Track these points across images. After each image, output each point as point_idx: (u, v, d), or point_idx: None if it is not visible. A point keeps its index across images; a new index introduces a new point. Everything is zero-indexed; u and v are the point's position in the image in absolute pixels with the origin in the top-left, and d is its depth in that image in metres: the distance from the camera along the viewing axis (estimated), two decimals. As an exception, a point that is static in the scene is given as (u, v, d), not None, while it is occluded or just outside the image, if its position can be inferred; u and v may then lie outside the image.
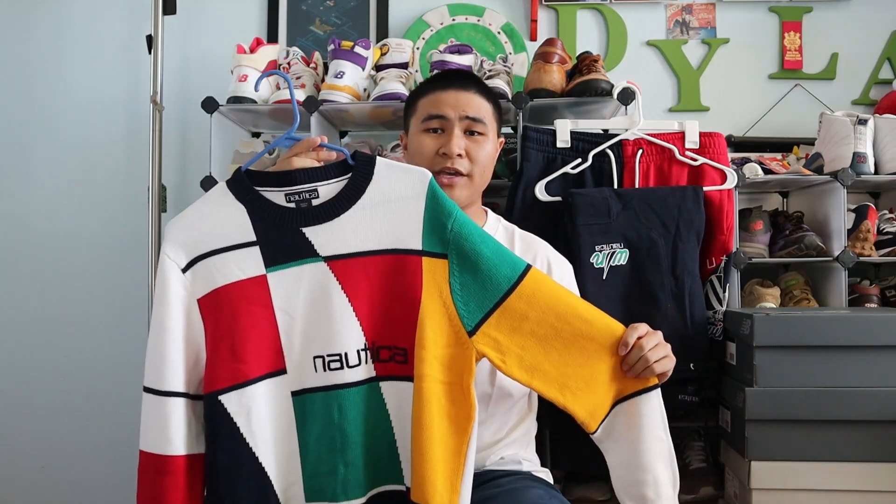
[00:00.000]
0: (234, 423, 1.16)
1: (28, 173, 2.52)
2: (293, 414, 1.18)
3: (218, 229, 1.19)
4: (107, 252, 2.48)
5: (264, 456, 1.17)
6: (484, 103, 1.47)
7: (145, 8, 2.39)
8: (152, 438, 1.17)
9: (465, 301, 1.16)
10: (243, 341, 1.16)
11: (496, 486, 1.31)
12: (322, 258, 1.18)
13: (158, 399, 1.16)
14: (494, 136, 1.49)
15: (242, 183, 1.21)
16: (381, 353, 1.18)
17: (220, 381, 1.16)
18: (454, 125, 1.43)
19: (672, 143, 1.88)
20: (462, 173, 1.43)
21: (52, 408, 2.48)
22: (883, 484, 1.61)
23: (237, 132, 2.26)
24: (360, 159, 1.21)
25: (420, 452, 1.13)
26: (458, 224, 1.17)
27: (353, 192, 1.20)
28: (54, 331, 2.49)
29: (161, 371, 1.17)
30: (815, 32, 2.42)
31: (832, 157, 2.05)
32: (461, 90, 1.45)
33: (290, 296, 1.17)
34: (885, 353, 1.62)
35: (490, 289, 1.17)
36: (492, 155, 1.48)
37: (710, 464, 1.87)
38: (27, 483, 2.49)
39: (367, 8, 2.47)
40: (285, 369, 1.18)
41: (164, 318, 1.17)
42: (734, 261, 1.87)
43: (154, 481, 1.17)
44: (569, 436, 1.41)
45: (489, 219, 1.52)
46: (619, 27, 2.44)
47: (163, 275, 1.18)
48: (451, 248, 1.17)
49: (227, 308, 1.17)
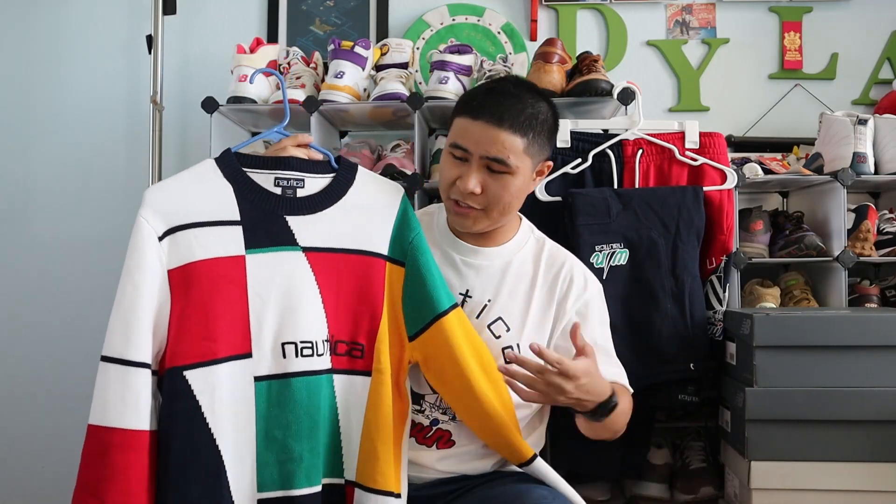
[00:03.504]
0: (197, 401, 1.13)
1: (28, 173, 2.52)
2: (254, 399, 1.17)
3: (202, 203, 1.19)
4: (107, 252, 2.47)
5: (222, 438, 1.14)
6: (514, 140, 1.31)
7: (145, 8, 2.39)
8: (113, 412, 1.12)
9: (410, 310, 1.25)
10: (215, 319, 1.16)
11: (501, 485, 1.32)
12: (301, 248, 1.21)
13: (125, 369, 1.12)
14: (527, 170, 1.35)
15: (232, 162, 1.23)
16: (338, 347, 1.21)
17: (187, 357, 1.14)
18: (474, 161, 1.32)
19: (672, 143, 1.88)
20: (475, 209, 1.35)
21: (52, 407, 2.48)
22: (883, 484, 1.61)
23: (237, 132, 2.26)
24: (343, 163, 1.28)
25: (382, 439, 1.19)
26: (417, 238, 1.28)
27: (337, 191, 1.26)
28: (54, 330, 2.49)
29: (130, 339, 1.13)
30: (815, 32, 2.42)
31: (832, 157, 2.05)
32: (490, 124, 1.31)
33: (265, 279, 1.18)
34: (885, 353, 1.62)
35: (429, 306, 1.25)
36: (518, 189, 1.35)
37: (710, 464, 1.88)
38: (27, 483, 2.49)
39: (367, 8, 2.47)
40: (251, 353, 1.17)
41: (139, 284, 1.15)
42: (734, 261, 1.87)
43: (111, 458, 1.11)
44: (569, 436, 1.41)
45: (521, 229, 1.47)
46: (619, 27, 2.44)
47: (140, 238, 1.16)
48: (408, 259, 1.26)
49: (201, 283, 1.16)
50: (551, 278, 1.41)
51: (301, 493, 1.17)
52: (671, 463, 1.94)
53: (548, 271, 1.42)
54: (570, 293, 1.40)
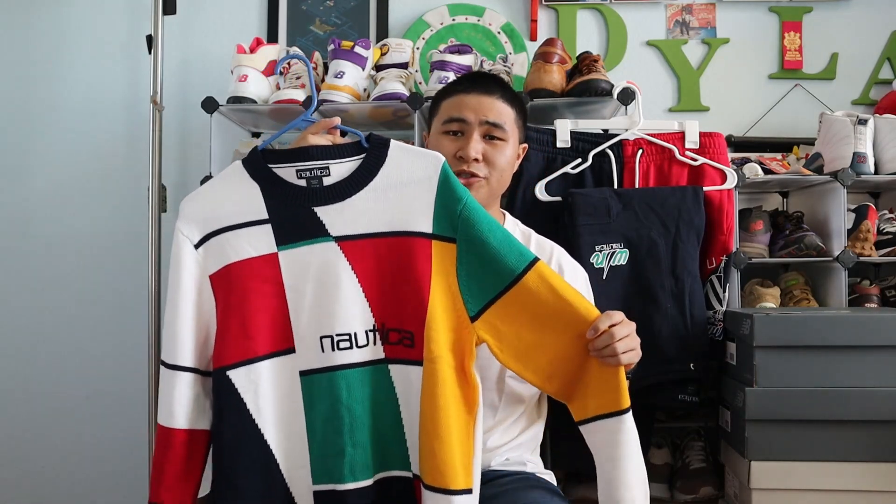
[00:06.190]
0: (242, 399, 1.17)
1: (28, 173, 2.52)
2: (301, 394, 1.18)
3: (231, 206, 1.20)
4: (107, 252, 2.48)
5: (270, 434, 1.17)
6: (506, 108, 1.45)
7: (145, 8, 2.39)
8: (163, 411, 1.19)
9: (469, 287, 1.17)
10: (253, 318, 1.17)
11: (499, 486, 1.32)
12: (333, 238, 1.18)
13: (169, 373, 1.19)
14: (516, 142, 1.48)
15: (258, 161, 1.22)
16: (390, 336, 1.18)
17: (229, 357, 1.17)
18: (473, 129, 1.42)
19: (672, 143, 1.88)
20: (478, 176, 1.42)
21: (52, 407, 2.48)
22: (883, 484, 1.61)
23: (237, 132, 2.26)
24: (374, 141, 1.22)
25: (437, 435, 1.13)
26: (467, 210, 1.18)
27: (366, 173, 1.20)
28: (54, 331, 2.49)
29: (172, 345, 1.19)
30: (815, 32, 2.42)
31: (832, 157, 2.05)
32: (484, 94, 1.44)
33: (300, 274, 1.18)
34: (885, 353, 1.62)
35: (495, 277, 1.17)
36: (511, 160, 1.47)
37: (710, 464, 1.88)
38: (27, 483, 2.49)
39: (367, 8, 2.47)
40: (294, 348, 1.18)
41: (177, 294, 1.19)
42: (734, 261, 1.87)
43: (160, 452, 1.19)
44: (569, 436, 1.41)
45: (507, 222, 1.52)
46: (619, 27, 2.44)
47: (177, 251, 1.20)
48: (459, 233, 1.18)
49: (238, 284, 1.18)
50: None
51: (347, 487, 1.16)
52: (671, 463, 1.94)
53: None
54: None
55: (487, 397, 1.35)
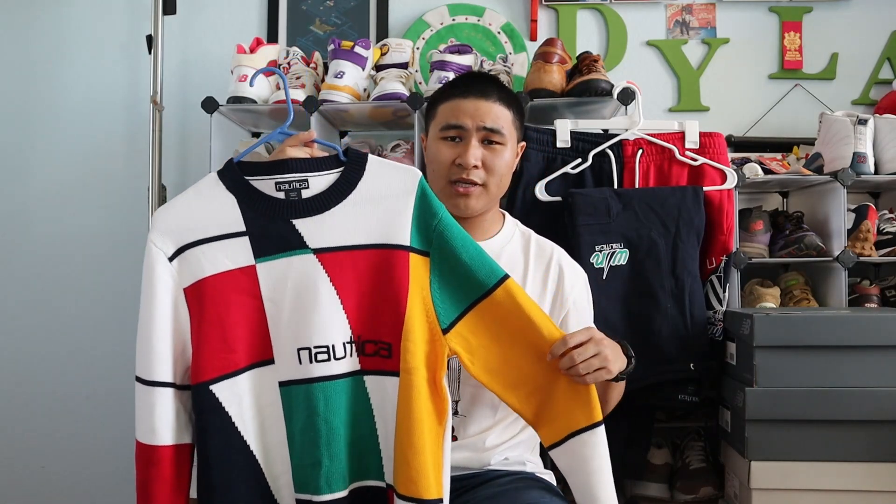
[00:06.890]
0: (227, 412, 1.16)
1: (28, 173, 2.52)
2: (281, 404, 1.18)
3: (207, 219, 1.19)
4: (107, 252, 2.48)
5: (255, 445, 1.18)
6: (504, 111, 1.43)
7: (145, 8, 2.39)
8: (142, 428, 1.18)
9: (442, 299, 1.20)
10: (232, 330, 1.16)
11: (497, 485, 1.32)
12: (311, 250, 1.18)
13: (146, 389, 1.17)
14: (514, 144, 1.46)
15: (233, 173, 1.21)
16: (366, 347, 1.19)
17: (210, 371, 1.16)
18: (471, 135, 1.41)
19: (672, 143, 1.88)
20: (477, 183, 1.41)
21: (52, 407, 2.48)
22: (883, 484, 1.61)
23: (237, 132, 2.26)
24: (352, 155, 1.23)
25: (411, 444, 1.14)
26: (442, 224, 1.20)
27: (345, 186, 1.21)
28: (54, 330, 2.49)
29: (148, 361, 1.17)
30: (815, 32, 2.42)
31: (832, 157, 2.05)
32: (481, 98, 1.42)
33: (278, 287, 1.18)
34: (885, 353, 1.62)
35: (466, 290, 1.20)
36: (510, 163, 1.46)
37: (710, 464, 1.88)
38: (27, 483, 2.49)
39: (367, 8, 2.47)
40: (273, 359, 1.18)
41: (151, 308, 1.17)
42: (734, 261, 1.87)
43: (144, 471, 1.18)
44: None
45: (506, 223, 1.51)
46: (619, 27, 2.44)
47: (149, 263, 1.18)
48: (433, 247, 1.20)
49: (215, 298, 1.17)
50: (542, 269, 1.44)
51: (323, 498, 1.16)
52: (671, 463, 1.94)
53: (537, 262, 1.44)
54: (565, 282, 1.42)
55: (487, 396, 1.35)
